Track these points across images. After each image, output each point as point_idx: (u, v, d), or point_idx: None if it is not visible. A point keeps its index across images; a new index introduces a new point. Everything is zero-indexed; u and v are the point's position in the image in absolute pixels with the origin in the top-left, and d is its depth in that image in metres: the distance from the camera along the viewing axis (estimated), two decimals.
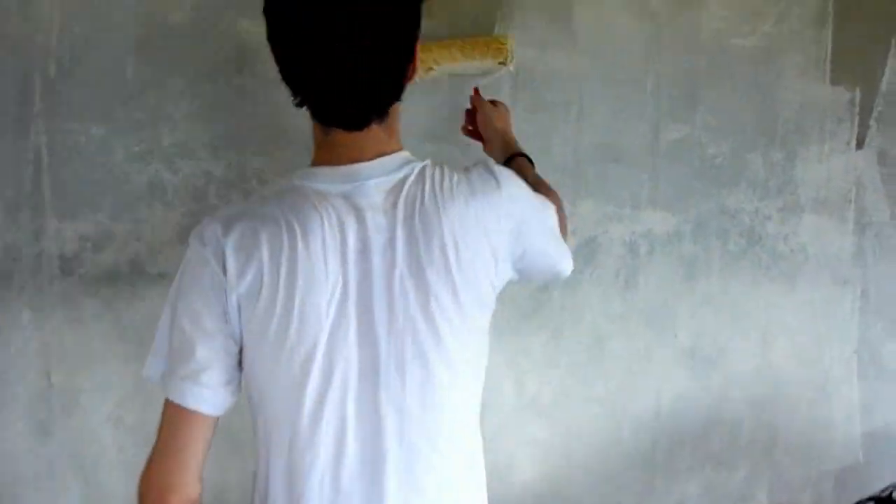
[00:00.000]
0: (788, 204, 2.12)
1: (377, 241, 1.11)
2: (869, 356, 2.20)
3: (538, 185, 1.39)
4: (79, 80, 1.58)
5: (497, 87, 1.83)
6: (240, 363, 1.14)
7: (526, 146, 1.81)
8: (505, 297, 1.82)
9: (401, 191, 1.13)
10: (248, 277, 1.09)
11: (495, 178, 1.16)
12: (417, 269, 1.11)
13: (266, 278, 1.09)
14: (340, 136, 1.14)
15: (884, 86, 2.15)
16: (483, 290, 1.15)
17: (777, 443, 2.14)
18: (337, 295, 1.09)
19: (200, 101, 1.61)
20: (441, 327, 1.11)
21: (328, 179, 1.14)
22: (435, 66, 1.68)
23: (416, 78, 1.39)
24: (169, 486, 1.11)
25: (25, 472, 1.63)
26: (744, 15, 2.03)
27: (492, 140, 1.61)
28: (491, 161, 1.21)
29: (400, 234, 1.11)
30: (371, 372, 1.10)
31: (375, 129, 1.14)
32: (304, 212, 1.11)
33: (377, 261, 1.11)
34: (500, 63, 1.75)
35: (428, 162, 1.18)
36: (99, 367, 1.61)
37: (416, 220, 1.11)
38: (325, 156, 1.17)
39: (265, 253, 1.09)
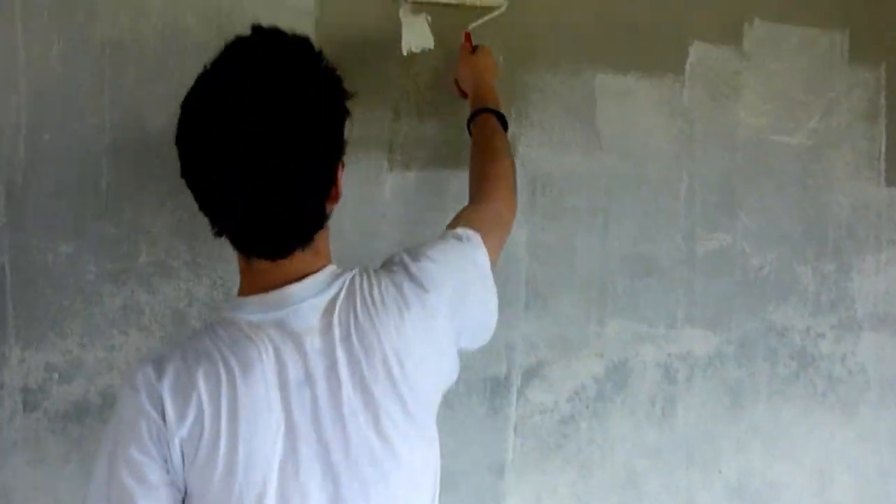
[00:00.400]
0: (844, 321, 2.09)
1: (318, 366, 1.17)
2: None
3: (490, 150, 1.55)
4: (47, 192, 1.59)
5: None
6: None
7: (545, 258, 1.89)
8: (526, 429, 1.85)
9: (334, 310, 1.19)
10: (189, 421, 1.13)
11: (421, 285, 1.23)
12: (364, 389, 1.16)
13: (207, 421, 1.13)
14: (263, 265, 1.20)
15: None
16: (431, 394, 1.24)
17: None
18: (282, 430, 1.14)
19: (182, 213, 1.61)
20: (397, 444, 1.17)
21: (259, 308, 1.19)
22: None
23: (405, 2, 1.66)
24: None
25: None
26: (786, 109, 2.03)
27: (478, 83, 1.68)
28: (407, 258, 1.26)
29: (340, 355, 1.17)
30: (335, 491, 1.16)
31: (300, 254, 1.20)
32: (240, 345, 1.16)
33: (322, 386, 1.16)
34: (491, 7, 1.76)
35: (356, 271, 1.24)
36: None
37: (354, 339, 1.18)
38: (252, 283, 1.22)
39: (203, 393, 1.13)
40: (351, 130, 1.25)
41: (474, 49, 1.72)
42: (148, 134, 1.61)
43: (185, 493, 1.16)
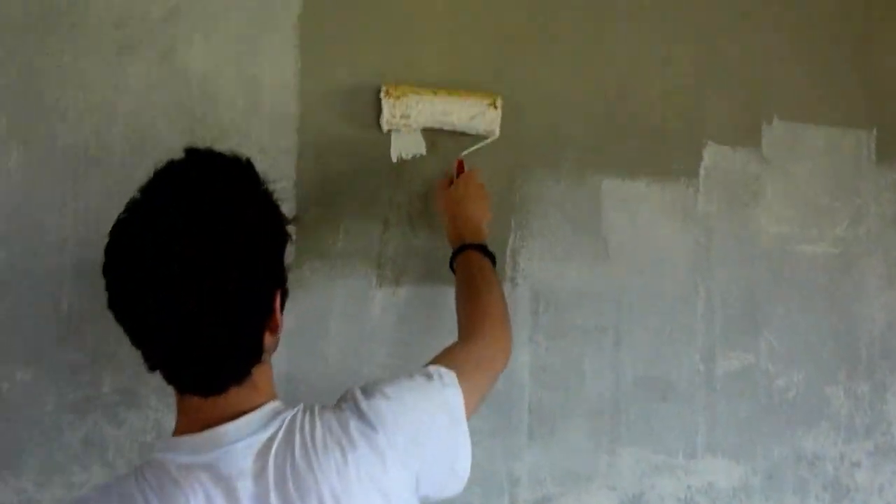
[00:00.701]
0: (881, 447, 2.04)
1: None
2: None
3: (475, 291, 1.55)
4: (2, 314, 1.58)
5: (512, 307, 1.75)
6: None
7: (550, 381, 1.86)
8: None
9: (269, 451, 1.20)
10: None
11: (370, 424, 1.22)
12: None
13: None
14: (197, 401, 1.21)
15: None
16: None
17: None
18: None
19: None
20: None
21: (190, 450, 1.20)
22: (411, 116, 1.73)
23: (389, 128, 1.73)
24: None
25: None
26: (810, 216, 2.02)
27: (453, 221, 1.68)
28: (359, 394, 1.26)
29: (274, 501, 1.17)
30: None
31: (236, 390, 1.21)
32: (166, 491, 1.17)
33: None
34: (489, 105, 1.77)
35: (299, 409, 1.24)
36: None
37: (290, 484, 1.18)
38: (186, 422, 1.23)
39: None
40: (291, 257, 1.30)
41: (452, 181, 1.74)
42: None
43: None
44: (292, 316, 1.67)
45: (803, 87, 2.03)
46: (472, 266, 1.59)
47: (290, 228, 1.28)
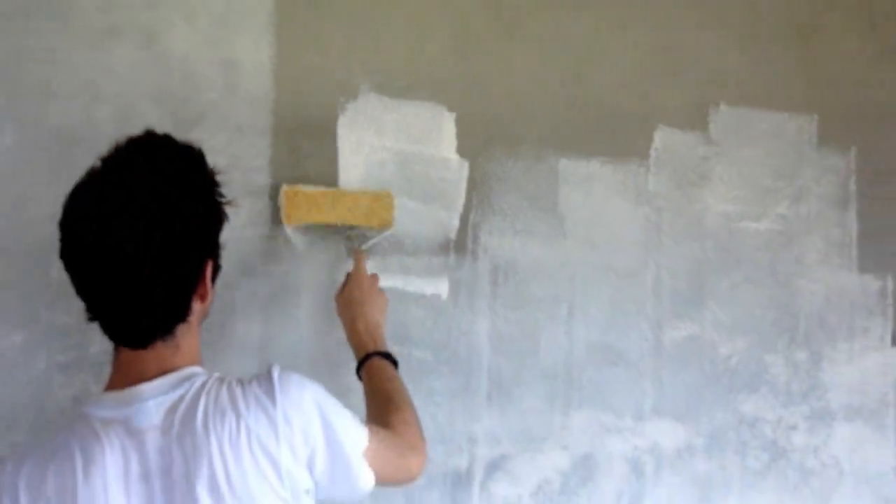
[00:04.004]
0: (817, 411, 2.10)
1: (156, 463, 1.27)
2: None
3: (386, 399, 1.55)
4: (3, 279, 1.63)
5: (473, 281, 1.89)
6: None
7: (508, 349, 1.91)
8: None
9: (177, 410, 1.29)
10: None
11: (272, 397, 1.30)
12: (190, 491, 1.26)
13: None
14: (126, 354, 1.32)
15: None
16: (260, 497, 1.27)
17: None
18: None
19: None
20: None
21: (111, 405, 1.31)
22: (306, 222, 1.74)
23: (291, 226, 1.74)
24: None
25: None
26: (754, 195, 2.07)
27: (353, 326, 1.69)
28: (277, 372, 1.33)
29: (177, 454, 1.27)
30: None
31: (160, 347, 1.32)
32: (88, 441, 1.28)
33: (158, 484, 1.27)
34: (384, 201, 1.79)
35: (214, 376, 1.32)
36: None
37: (188, 441, 1.27)
38: (114, 378, 1.34)
39: (50, 488, 1.26)
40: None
41: (345, 284, 1.74)
42: None
43: None
44: (268, 284, 1.79)
45: (749, 74, 2.07)
46: (382, 375, 1.63)
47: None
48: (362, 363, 1.65)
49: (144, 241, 1.26)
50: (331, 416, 1.34)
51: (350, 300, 1.72)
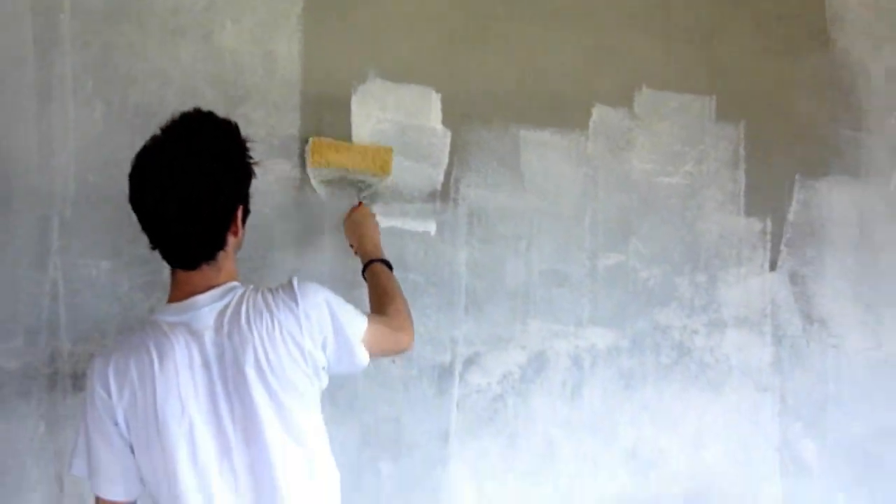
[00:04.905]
0: (713, 320, 2.16)
1: (213, 353, 1.35)
2: (789, 455, 2.21)
3: (383, 292, 1.63)
4: (91, 222, 1.71)
5: (455, 222, 1.95)
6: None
7: (480, 273, 1.99)
8: (466, 406, 1.91)
9: (225, 314, 1.37)
10: (126, 396, 1.35)
11: (294, 300, 1.38)
12: (239, 371, 1.34)
13: (137, 394, 1.34)
14: (181, 275, 1.41)
15: (791, 216, 2.23)
16: (296, 379, 1.36)
17: None
18: (191, 397, 1.34)
19: None
20: (258, 405, 1.33)
21: (175, 313, 1.39)
22: (326, 166, 1.79)
23: (312, 170, 1.79)
24: None
25: None
26: (668, 158, 2.13)
27: (360, 240, 1.76)
28: (297, 281, 1.41)
29: (227, 346, 1.35)
30: (223, 445, 1.34)
31: (206, 269, 1.40)
32: (160, 340, 1.36)
33: (215, 369, 1.35)
34: (385, 154, 1.84)
35: (250, 287, 1.41)
36: None
37: (236, 336, 1.35)
38: (174, 293, 1.43)
39: (134, 375, 1.34)
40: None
41: (353, 209, 1.82)
42: None
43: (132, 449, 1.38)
44: (299, 224, 1.85)
45: (664, 65, 2.14)
46: (381, 276, 1.69)
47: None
48: (366, 267, 1.71)
49: (190, 190, 1.33)
50: (338, 312, 1.42)
51: (355, 223, 1.80)
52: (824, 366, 2.23)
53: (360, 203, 1.84)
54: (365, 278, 1.70)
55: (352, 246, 1.79)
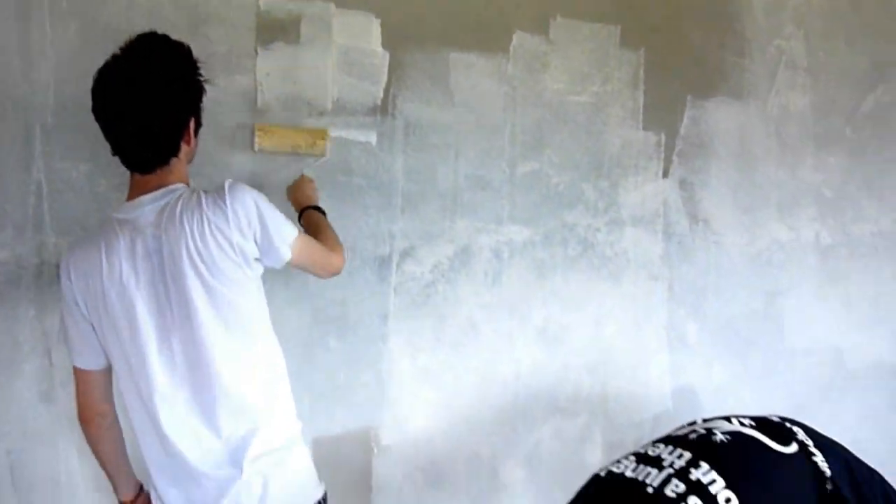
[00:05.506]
0: (613, 220, 2.27)
1: (153, 246, 1.43)
2: (675, 333, 2.35)
3: (317, 229, 1.68)
4: (70, 129, 1.76)
5: (392, 133, 2.05)
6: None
7: (415, 178, 2.08)
8: (402, 291, 2.02)
9: (164, 212, 1.44)
10: (82, 283, 1.46)
11: (224, 199, 1.43)
12: (175, 263, 1.41)
13: (90, 281, 1.45)
14: (137, 178, 1.49)
15: (682, 131, 2.31)
16: (226, 268, 1.43)
17: (608, 397, 2.29)
18: (132, 283, 1.43)
19: None
20: (192, 293, 1.41)
21: (126, 211, 1.48)
22: (268, 147, 1.90)
23: (259, 149, 1.83)
24: (85, 407, 1.56)
25: (34, 429, 1.82)
26: (577, 78, 2.21)
27: (296, 199, 1.83)
28: (228, 183, 1.46)
29: (165, 240, 1.43)
30: (162, 325, 1.43)
31: (160, 173, 1.48)
32: (109, 236, 1.46)
33: (155, 260, 1.44)
34: (321, 137, 1.93)
35: (191, 188, 1.47)
36: None
37: (171, 231, 1.42)
38: (129, 193, 1.50)
39: (87, 266, 1.45)
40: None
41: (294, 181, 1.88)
42: None
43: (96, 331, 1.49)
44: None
45: None
46: (313, 216, 1.75)
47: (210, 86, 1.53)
48: (301, 214, 1.78)
49: (145, 103, 1.40)
50: (265, 211, 1.47)
51: (295, 188, 1.87)
52: (706, 259, 2.35)
53: (302, 175, 1.91)
54: (301, 224, 1.75)
55: (294, 206, 1.84)
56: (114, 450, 1.62)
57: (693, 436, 1.58)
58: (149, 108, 1.41)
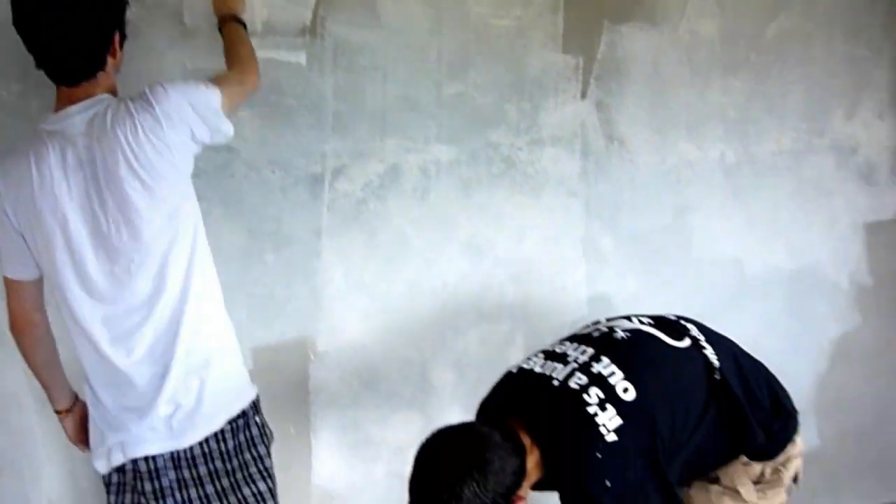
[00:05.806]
0: (534, 140, 2.33)
1: (85, 155, 1.45)
2: (591, 245, 2.44)
3: (230, 44, 1.70)
4: (1, 47, 1.74)
5: (322, 54, 2.09)
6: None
7: (345, 98, 2.13)
8: (335, 207, 2.10)
9: (94, 121, 1.45)
10: (11, 193, 1.48)
11: (150, 103, 1.45)
12: (111, 167, 1.43)
13: (20, 192, 1.46)
14: (63, 90, 1.50)
15: (599, 55, 2.36)
16: (164, 170, 1.45)
17: (530, 304, 2.38)
18: (64, 193, 1.44)
19: None
20: (132, 197, 1.44)
21: (53, 122, 1.49)
22: None
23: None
24: (18, 317, 1.59)
25: None
26: (500, 3, 2.24)
27: (218, 9, 1.82)
28: (147, 88, 1.48)
29: (96, 148, 1.44)
30: (96, 232, 1.45)
31: (85, 85, 1.49)
32: (38, 147, 1.47)
33: (88, 170, 1.45)
34: None
35: (118, 98, 1.50)
36: None
37: (104, 140, 1.44)
38: (56, 106, 1.51)
39: (17, 176, 1.46)
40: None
41: None
42: None
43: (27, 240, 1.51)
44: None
45: None
46: (232, 30, 1.76)
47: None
48: (223, 24, 1.77)
49: (72, 15, 1.42)
50: (194, 99, 1.48)
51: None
52: (621, 176, 2.44)
53: None
54: (221, 33, 1.77)
55: (216, 13, 1.82)
56: (47, 360, 1.65)
57: (596, 333, 1.75)
58: (74, 20, 1.42)
